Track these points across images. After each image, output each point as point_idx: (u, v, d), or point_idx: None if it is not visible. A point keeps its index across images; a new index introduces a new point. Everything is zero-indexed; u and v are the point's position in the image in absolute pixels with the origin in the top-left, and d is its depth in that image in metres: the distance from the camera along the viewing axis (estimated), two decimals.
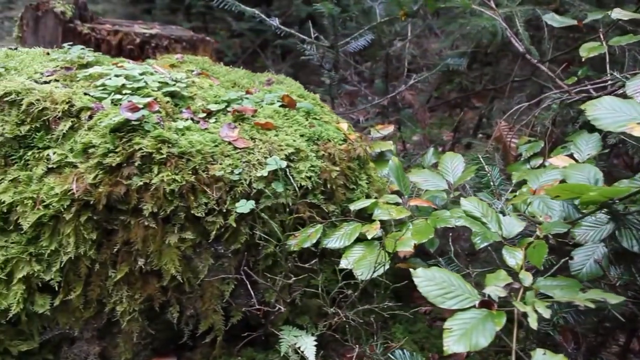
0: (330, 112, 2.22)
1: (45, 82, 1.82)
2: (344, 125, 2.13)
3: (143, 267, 1.64)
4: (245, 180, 1.67)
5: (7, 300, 1.59)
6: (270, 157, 1.73)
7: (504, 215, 1.71)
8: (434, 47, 3.56)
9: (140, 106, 1.64)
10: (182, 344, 1.86)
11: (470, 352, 1.28)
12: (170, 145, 1.61)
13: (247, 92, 2.17)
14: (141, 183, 1.57)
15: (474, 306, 1.36)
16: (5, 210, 1.60)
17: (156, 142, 1.60)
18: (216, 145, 1.70)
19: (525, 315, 1.31)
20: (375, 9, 2.97)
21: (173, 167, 1.59)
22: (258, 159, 1.72)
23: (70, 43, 2.20)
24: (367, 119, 3.37)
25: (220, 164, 1.66)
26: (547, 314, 1.29)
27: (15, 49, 2.02)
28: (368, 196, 2.02)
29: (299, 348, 1.86)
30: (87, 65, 2.02)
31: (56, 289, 1.62)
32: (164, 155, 1.59)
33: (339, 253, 1.90)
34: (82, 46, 2.17)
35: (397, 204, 1.98)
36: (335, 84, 2.69)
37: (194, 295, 1.74)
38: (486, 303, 1.36)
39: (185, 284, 1.68)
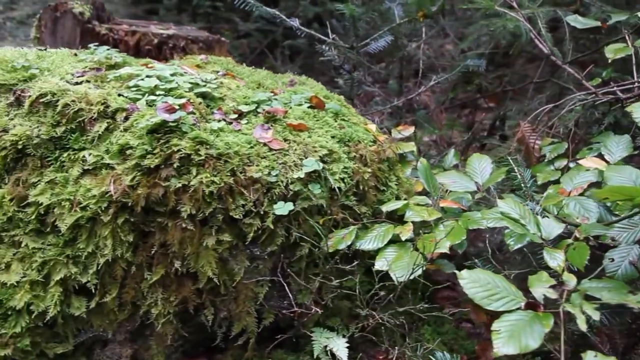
0: (356, 114, 2.21)
1: (77, 83, 1.81)
2: (372, 126, 2.13)
3: (179, 269, 1.63)
4: (282, 182, 1.66)
5: (44, 302, 1.58)
6: (306, 158, 1.73)
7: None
8: (447, 48, 3.56)
9: (177, 107, 1.63)
10: (212, 346, 1.85)
11: (520, 353, 1.28)
12: (208, 146, 1.60)
13: (272, 93, 2.17)
14: (180, 185, 1.56)
15: (519, 308, 1.36)
16: (42, 212, 1.59)
17: (194, 144, 1.59)
18: (252, 147, 1.70)
19: (571, 317, 1.31)
20: (394, 9, 2.97)
21: (211, 168, 1.58)
22: (294, 161, 1.71)
23: (96, 44, 2.19)
24: (382, 120, 3.37)
25: (257, 166, 1.65)
26: (596, 315, 1.29)
27: (45, 49, 2.00)
28: (397, 197, 2.02)
29: (330, 350, 1.85)
30: (116, 66, 2.00)
31: (93, 291, 1.61)
32: (203, 157, 1.58)
33: (369, 254, 1.89)
34: (108, 47, 2.16)
35: (427, 205, 1.98)
36: (357, 85, 2.69)
37: (228, 297, 1.73)
38: (532, 305, 1.36)
39: (221, 286, 1.67)
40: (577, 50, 2.72)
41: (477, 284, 1.40)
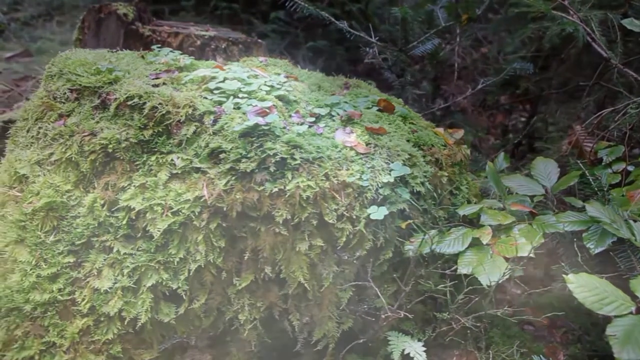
0: (421, 117, 2.21)
1: (155, 86, 1.78)
2: (440, 129, 2.13)
3: (270, 274, 1.61)
4: (372, 186, 1.65)
5: (134, 309, 1.55)
6: (392, 162, 1.72)
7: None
8: (483, 51, 3.58)
9: (267, 110, 1.61)
10: (288, 351, 1.83)
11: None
12: (302, 150, 1.59)
13: (337, 96, 2.15)
14: (276, 189, 1.54)
15: (631, 312, 1.36)
16: (133, 217, 1.56)
17: (289, 147, 1.57)
18: (339, 151, 1.68)
19: None
20: (437, 12, 2.97)
21: (306, 172, 1.57)
22: (381, 165, 1.70)
23: (158, 46, 2.16)
24: None
25: (347, 170, 1.64)
26: None
27: (115, 51, 1.97)
28: (469, 201, 2.02)
29: (408, 354, 1.84)
30: (184, 68, 1.98)
31: (183, 297, 1.59)
32: (298, 161, 1.56)
33: (443, 258, 1.89)
34: (171, 49, 2.13)
35: (499, 208, 1.98)
36: (409, 87, 2.68)
37: (313, 302, 1.72)
38: None
39: (310, 291, 1.66)
40: (624, 54, 2.74)
41: (586, 288, 1.40)
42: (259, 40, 3.38)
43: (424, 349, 1.86)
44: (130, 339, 1.59)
